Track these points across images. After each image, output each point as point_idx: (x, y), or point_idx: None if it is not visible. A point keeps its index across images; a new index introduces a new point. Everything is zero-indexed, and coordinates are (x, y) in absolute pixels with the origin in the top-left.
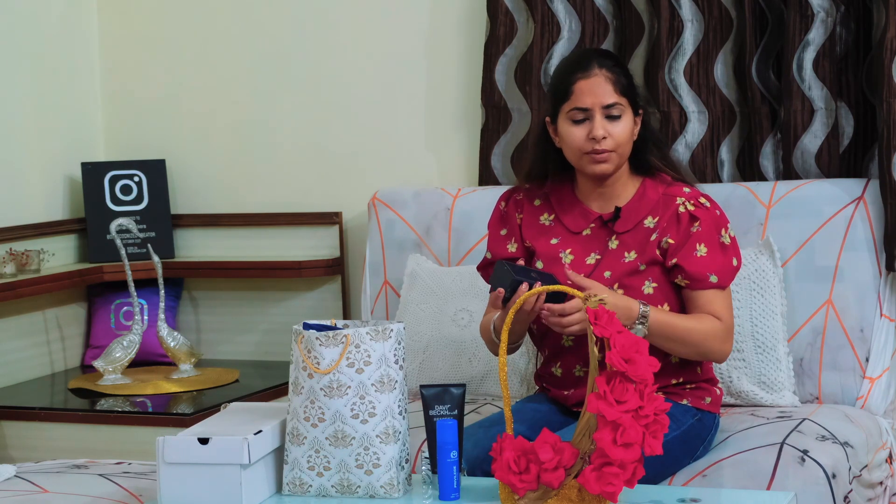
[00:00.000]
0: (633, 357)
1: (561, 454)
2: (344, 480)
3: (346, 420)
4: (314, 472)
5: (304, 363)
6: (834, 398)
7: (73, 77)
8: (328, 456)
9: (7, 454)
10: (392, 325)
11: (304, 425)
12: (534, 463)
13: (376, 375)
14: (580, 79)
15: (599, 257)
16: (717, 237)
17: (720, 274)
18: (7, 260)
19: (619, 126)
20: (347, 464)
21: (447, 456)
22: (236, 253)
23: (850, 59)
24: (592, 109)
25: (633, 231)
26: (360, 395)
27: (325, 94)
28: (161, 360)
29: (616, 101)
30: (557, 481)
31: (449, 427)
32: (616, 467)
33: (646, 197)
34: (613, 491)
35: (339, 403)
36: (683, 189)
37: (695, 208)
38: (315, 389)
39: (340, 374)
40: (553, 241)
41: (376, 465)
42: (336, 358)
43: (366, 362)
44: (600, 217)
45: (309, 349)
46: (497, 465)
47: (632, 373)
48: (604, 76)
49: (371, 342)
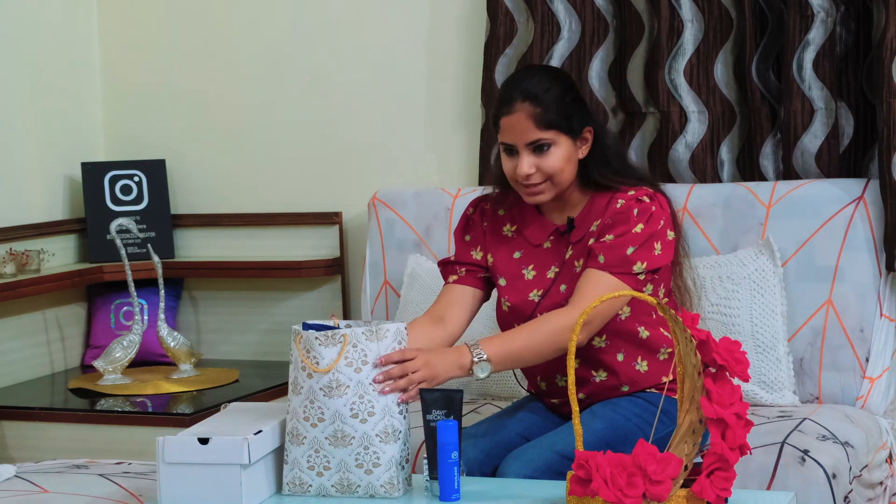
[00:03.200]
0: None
1: (667, 465)
2: (344, 480)
3: (345, 419)
4: (314, 472)
5: (302, 363)
6: (834, 398)
7: (73, 77)
8: (328, 456)
9: (7, 454)
10: (390, 326)
11: (303, 425)
12: (637, 476)
13: (374, 375)
14: (503, 115)
15: (558, 270)
16: (629, 227)
17: (608, 256)
18: (7, 260)
19: (550, 158)
20: (347, 463)
21: (448, 457)
22: (236, 253)
23: (850, 59)
24: (517, 145)
25: (583, 239)
26: (359, 394)
27: (325, 94)
28: (161, 360)
29: (539, 138)
30: (666, 493)
31: (450, 428)
32: (729, 471)
33: (595, 204)
34: (727, 497)
35: (338, 403)
36: (628, 192)
37: (625, 204)
38: (314, 389)
39: (339, 374)
40: (515, 256)
41: (376, 465)
42: (334, 357)
43: (363, 362)
44: (557, 228)
45: (308, 349)
46: (596, 484)
47: (739, 371)
48: (525, 112)
49: (367, 342)
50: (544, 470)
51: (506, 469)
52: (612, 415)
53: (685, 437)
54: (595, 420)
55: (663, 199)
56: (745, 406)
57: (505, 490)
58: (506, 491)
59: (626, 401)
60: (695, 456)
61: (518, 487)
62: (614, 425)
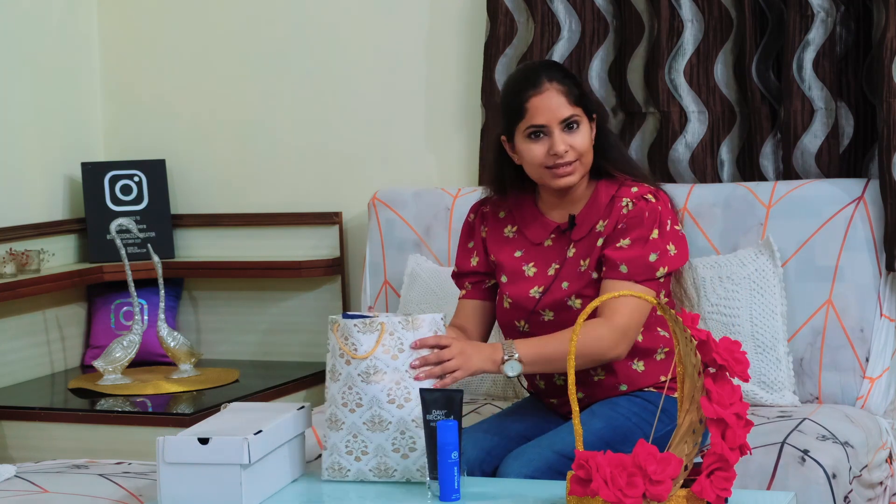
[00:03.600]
0: (738, 356)
1: (667, 465)
2: (381, 464)
3: (382, 405)
4: (352, 457)
5: (341, 350)
6: (834, 398)
7: (73, 77)
8: (366, 440)
9: (7, 454)
10: (425, 316)
11: (342, 411)
12: (637, 476)
13: (411, 360)
14: (532, 96)
15: (559, 267)
16: (643, 232)
17: (631, 266)
18: (7, 260)
19: (579, 136)
20: (384, 448)
21: (448, 457)
22: (236, 253)
23: (850, 59)
24: (549, 125)
25: (587, 237)
26: (395, 380)
27: (325, 94)
28: (161, 360)
29: (572, 114)
30: (666, 493)
31: (450, 428)
32: (729, 471)
33: (597, 202)
34: (727, 497)
35: (375, 389)
36: (631, 189)
37: (634, 205)
38: (353, 375)
39: (377, 360)
40: (517, 254)
41: (412, 449)
42: (372, 345)
43: (400, 349)
44: (558, 227)
45: (346, 336)
46: (596, 484)
47: (739, 371)
48: (555, 90)
49: (403, 331)
50: (545, 470)
51: (506, 469)
52: (612, 414)
53: (685, 437)
54: (594, 419)
55: (665, 196)
56: (745, 406)
57: (505, 490)
58: (506, 491)
59: (625, 400)
60: (695, 456)
61: (518, 487)
62: (613, 424)
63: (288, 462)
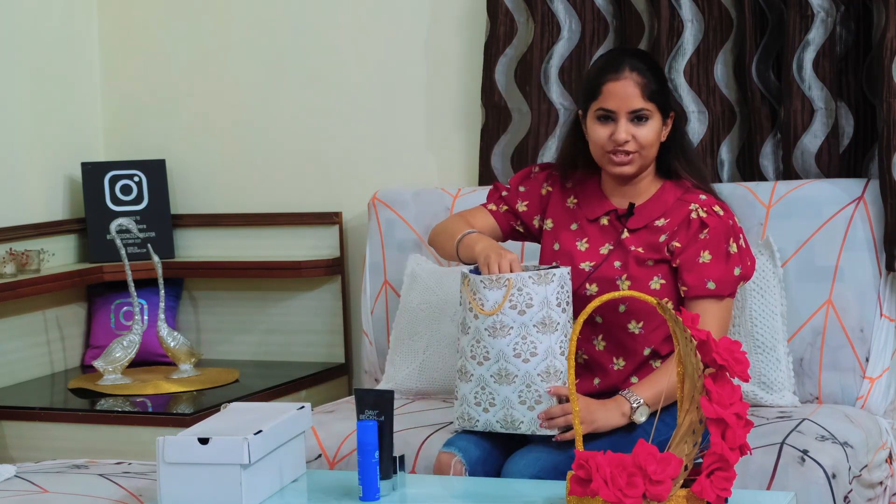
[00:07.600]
0: (738, 356)
1: (667, 465)
2: (508, 416)
3: (508, 359)
4: (480, 408)
5: (470, 304)
6: (834, 398)
7: (73, 77)
8: (493, 393)
9: (7, 454)
10: (555, 270)
11: (470, 363)
12: (637, 476)
13: (538, 317)
14: (610, 80)
15: (612, 248)
16: (723, 246)
17: (719, 282)
18: (7, 260)
19: (645, 129)
20: (511, 400)
21: (370, 457)
22: (236, 253)
23: (850, 59)
24: (618, 112)
25: (645, 230)
26: (522, 335)
27: (325, 94)
28: (161, 360)
29: (642, 107)
30: (666, 493)
31: (370, 429)
32: (729, 471)
33: (662, 199)
34: (727, 497)
35: (502, 343)
36: (700, 196)
37: (707, 216)
38: (480, 330)
39: (503, 316)
40: (573, 227)
41: (538, 402)
42: (499, 300)
43: (528, 304)
44: (615, 210)
45: (475, 291)
46: (596, 484)
47: (739, 371)
48: (633, 80)
49: (533, 286)
50: (549, 469)
51: (510, 468)
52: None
53: (685, 437)
54: None
55: (730, 210)
56: (745, 406)
57: (505, 490)
58: (506, 491)
59: None
60: (695, 456)
61: (518, 487)
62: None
63: (288, 462)
